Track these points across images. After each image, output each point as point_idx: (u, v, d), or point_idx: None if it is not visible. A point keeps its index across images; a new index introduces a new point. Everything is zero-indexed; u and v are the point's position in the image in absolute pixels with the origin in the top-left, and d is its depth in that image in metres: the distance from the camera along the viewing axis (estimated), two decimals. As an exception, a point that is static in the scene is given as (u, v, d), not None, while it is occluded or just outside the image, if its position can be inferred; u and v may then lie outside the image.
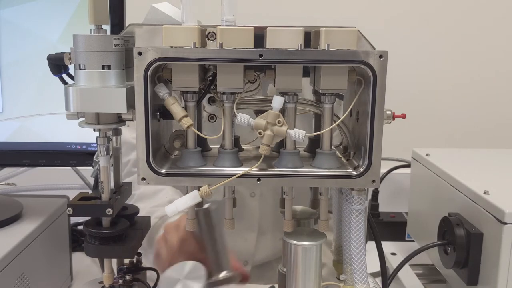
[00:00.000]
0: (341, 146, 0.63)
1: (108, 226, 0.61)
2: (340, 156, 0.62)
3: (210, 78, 0.56)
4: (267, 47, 0.53)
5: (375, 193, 1.16)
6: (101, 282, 0.66)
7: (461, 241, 0.72)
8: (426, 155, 0.95)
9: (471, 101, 1.31)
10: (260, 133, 0.52)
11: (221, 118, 0.57)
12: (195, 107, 0.56)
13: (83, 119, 0.58)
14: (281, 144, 0.59)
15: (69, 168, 1.00)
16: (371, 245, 0.66)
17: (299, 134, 0.53)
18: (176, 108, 0.54)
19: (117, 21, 0.68)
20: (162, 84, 0.54)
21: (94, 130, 0.59)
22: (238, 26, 0.54)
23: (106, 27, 0.58)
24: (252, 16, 0.61)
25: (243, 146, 0.65)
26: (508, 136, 1.31)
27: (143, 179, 0.55)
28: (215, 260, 0.72)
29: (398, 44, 1.25)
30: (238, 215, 0.59)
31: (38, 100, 0.86)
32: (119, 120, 0.58)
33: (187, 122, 0.53)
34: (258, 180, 0.55)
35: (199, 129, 0.60)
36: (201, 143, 0.60)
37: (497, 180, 0.81)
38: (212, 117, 0.60)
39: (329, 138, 0.57)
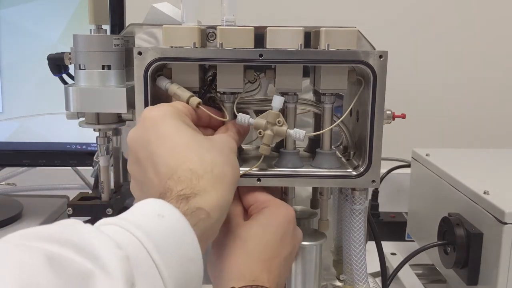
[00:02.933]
0: (341, 146, 0.63)
1: (108, 226, 0.61)
2: (340, 156, 0.62)
3: (210, 78, 0.56)
4: (267, 47, 0.53)
5: (375, 193, 1.16)
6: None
7: (461, 241, 0.72)
8: (426, 155, 0.95)
9: (471, 101, 1.31)
10: (260, 133, 0.52)
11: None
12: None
13: (83, 119, 0.58)
14: (281, 144, 0.59)
15: (69, 168, 1.00)
16: (371, 245, 0.66)
17: (299, 134, 0.53)
18: (181, 91, 0.53)
19: (117, 21, 0.68)
20: (162, 76, 0.54)
21: (94, 130, 0.59)
22: (238, 26, 0.54)
23: (106, 27, 0.59)
24: (252, 16, 0.61)
25: (243, 146, 0.65)
26: (508, 136, 1.31)
27: (143, 179, 0.55)
28: None
29: (398, 44, 1.25)
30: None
31: (38, 100, 0.86)
32: (119, 120, 0.58)
33: (195, 100, 0.52)
34: (258, 180, 0.55)
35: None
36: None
37: (497, 180, 0.81)
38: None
39: (329, 138, 0.57)
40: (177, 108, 0.50)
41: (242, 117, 0.53)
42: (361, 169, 0.55)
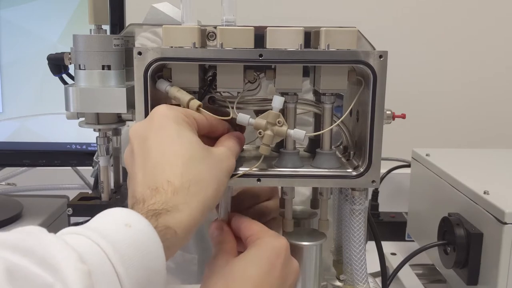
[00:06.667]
0: (341, 146, 0.63)
1: (108, 226, 0.61)
2: (340, 156, 0.62)
3: (210, 78, 0.56)
4: (267, 47, 0.53)
5: (375, 193, 1.16)
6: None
7: (461, 241, 0.72)
8: (426, 155, 0.95)
9: (471, 101, 1.31)
10: (260, 133, 0.52)
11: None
12: (195, 107, 0.56)
13: (83, 119, 0.58)
14: (281, 144, 0.59)
15: (69, 168, 1.00)
16: (371, 245, 0.66)
17: (299, 134, 0.53)
18: (181, 93, 0.53)
19: (117, 21, 0.68)
20: (162, 79, 0.54)
21: (94, 130, 0.59)
22: (238, 26, 0.54)
23: (106, 27, 0.58)
24: (252, 16, 0.61)
25: (243, 146, 0.65)
26: (508, 136, 1.31)
27: (143, 179, 0.55)
28: None
29: (399, 44, 1.25)
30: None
31: (38, 100, 0.86)
32: (119, 120, 0.58)
33: (195, 103, 0.52)
34: (258, 180, 0.55)
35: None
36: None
37: (497, 180, 0.81)
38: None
39: (329, 138, 0.57)
40: (188, 114, 0.50)
41: (242, 117, 0.53)
42: (361, 169, 0.55)
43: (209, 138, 0.54)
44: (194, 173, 0.45)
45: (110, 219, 0.40)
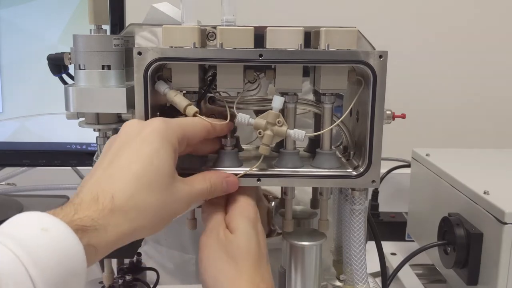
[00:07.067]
0: (341, 146, 0.63)
1: (108, 226, 0.61)
2: (340, 156, 0.62)
3: (210, 78, 0.56)
4: (267, 47, 0.53)
5: (375, 193, 1.16)
6: (101, 282, 0.66)
7: (461, 241, 0.72)
8: (426, 155, 0.95)
9: (471, 101, 1.31)
10: (260, 133, 0.52)
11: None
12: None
13: (83, 119, 0.58)
14: (281, 144, 0.59)
15: (69, 168, 1.00)
16: (371, 245, 0.66)
17: (299, 134, 0.53)
18: (179, 98, 0.53)
19: (117, 21, 0.68)
20: (161, 81, 0.54)
21: (94, 130, 0.59)
22: (238, 26, 0.54)
23: (106, 27, 0.58)
24: (252, 16, 0.61)
25: (243, 146, 0.65)
26: (508, 136, 1.31)
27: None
28: None
29: (399, 44, 1.25)
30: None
31: (38, 100, 0.86)
32: (119, 120, 0.58)
33: (192, 109, 0.52)
34: (258, 180, 0.55)
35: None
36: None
37: (497, 180, 0.81)
38: (212, 117, 0.59)
39: (329, 138, 0.57)
40: (183, 135, 0.49)
41: (242, 117, 0.53)
42: (361, 169, 0.55)
43: (210, 139, 0.54)
44: (142, 200, 0.44)
45: (25, 223, 0.39)
